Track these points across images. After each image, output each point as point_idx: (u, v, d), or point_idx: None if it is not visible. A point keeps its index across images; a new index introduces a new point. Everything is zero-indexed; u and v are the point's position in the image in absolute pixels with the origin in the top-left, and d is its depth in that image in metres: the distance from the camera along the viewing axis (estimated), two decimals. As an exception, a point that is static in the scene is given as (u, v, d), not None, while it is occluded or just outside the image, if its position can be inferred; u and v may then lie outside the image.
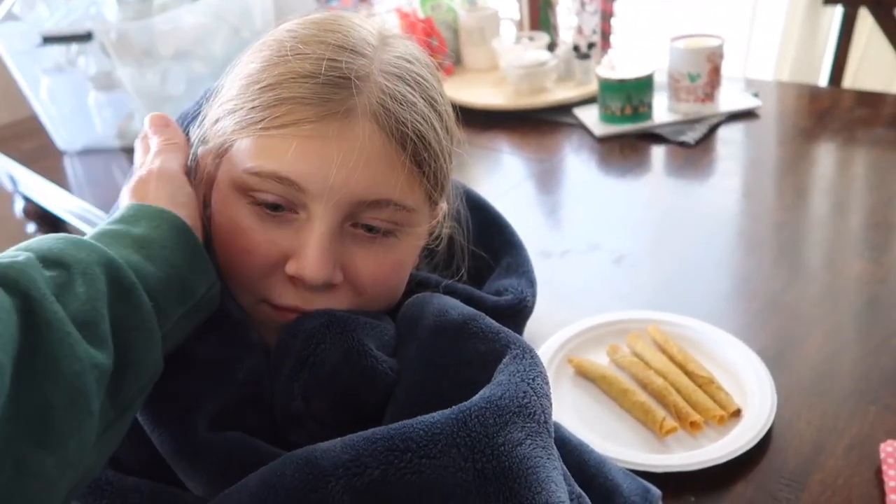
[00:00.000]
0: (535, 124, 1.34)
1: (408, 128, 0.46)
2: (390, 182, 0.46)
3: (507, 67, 1.40)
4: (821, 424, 0.63)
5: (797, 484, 0.58)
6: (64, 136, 1.45)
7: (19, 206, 1.75)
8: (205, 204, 0.51)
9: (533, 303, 0.60)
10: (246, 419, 0.47)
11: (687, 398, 0.66)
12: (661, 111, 1.28)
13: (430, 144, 0.48)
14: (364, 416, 0.48)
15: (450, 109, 0.51)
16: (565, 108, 1.35)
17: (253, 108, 0.46)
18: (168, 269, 0.42)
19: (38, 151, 1.48)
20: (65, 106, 1.41)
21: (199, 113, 0.54)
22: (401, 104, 0.46)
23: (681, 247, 0.93)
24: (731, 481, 0.59)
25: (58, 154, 1.45)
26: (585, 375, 0.71)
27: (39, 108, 1.43)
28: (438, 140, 0.49)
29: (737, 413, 0.64)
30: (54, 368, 0.33)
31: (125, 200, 0.47)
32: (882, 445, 0.58)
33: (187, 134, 0.55)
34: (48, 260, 0.37)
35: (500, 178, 1.19)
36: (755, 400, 0.64)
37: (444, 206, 0.55)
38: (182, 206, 0.47)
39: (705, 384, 0.67)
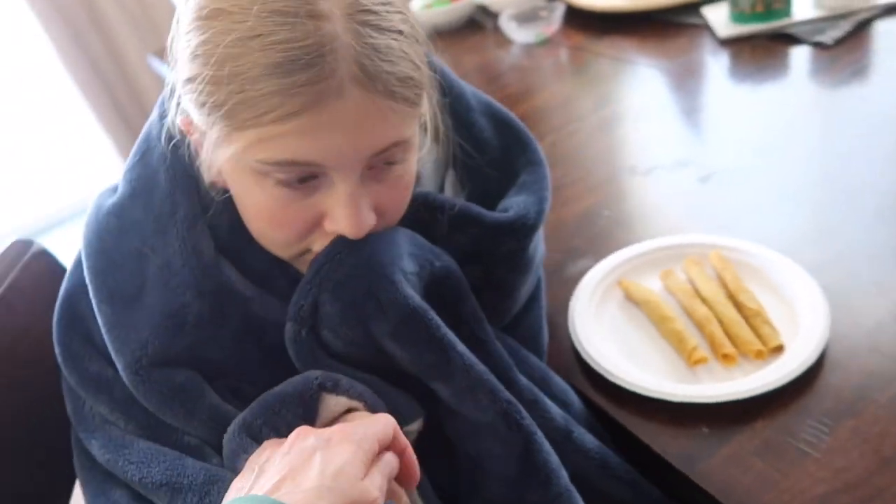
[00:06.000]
0: (657, 27, 1.25)
1: (390, 78, 0.47)
2: (389, 129, 0.49)
3: (633, -37, 1.30)
4: (872, 370, 0.58)
5: (824, 427, 0.55)
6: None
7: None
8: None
9: (536, 220, 0.60)
10: (241, 351, 0.54)
11: (727, 329, 0.63)
12: (805, 6, 1.14)
13: (412, 77, 0.49)
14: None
15: (412, 17, 0.50)
16: (692, 7, 1.24)
17: (240, 102, 0.45)
18: None
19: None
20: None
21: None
22: (375, 58, 0.46)
23: (783, 166, 0.84)
24: (751, 418, 0.57)
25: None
26: (631, 299, 0.70)
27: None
28: (416, 65, 0.49)
29: (779, 349, 0.61)
30: None
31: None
32: (930, 398, 0.53)
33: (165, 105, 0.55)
34: None
35: (609, 87, 1.13)
36: (803, 339, 0.60)
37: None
38: None
39: (752, 316, 0.63)
